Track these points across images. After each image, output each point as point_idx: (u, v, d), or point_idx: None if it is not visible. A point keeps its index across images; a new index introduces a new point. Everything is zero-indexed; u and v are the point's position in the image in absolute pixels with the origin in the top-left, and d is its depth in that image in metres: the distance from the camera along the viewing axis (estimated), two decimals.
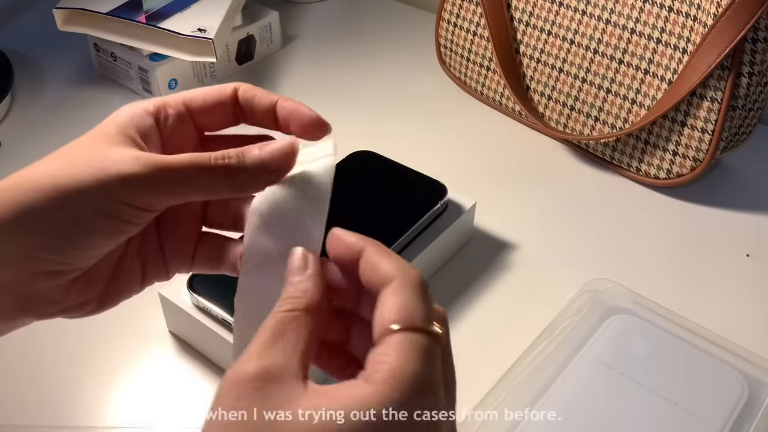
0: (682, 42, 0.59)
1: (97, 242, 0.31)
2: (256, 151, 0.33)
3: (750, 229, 0.61)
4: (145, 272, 0.36)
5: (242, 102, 0.36)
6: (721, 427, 0.44)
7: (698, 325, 0.50)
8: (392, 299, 0.29)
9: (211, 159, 0.32)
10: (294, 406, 0.26)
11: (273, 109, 0.36)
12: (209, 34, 0.68)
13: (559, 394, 0.45)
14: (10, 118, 0.72)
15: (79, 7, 0.71)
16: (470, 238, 0.59)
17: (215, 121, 0.36)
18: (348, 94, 0.76)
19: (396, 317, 0.28)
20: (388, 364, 0.27)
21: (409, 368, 0.27)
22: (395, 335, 0.27)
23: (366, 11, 0.90)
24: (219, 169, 0.32)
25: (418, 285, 0.29)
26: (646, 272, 0.57)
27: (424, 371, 0.27)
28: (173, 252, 0.36)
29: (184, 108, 0.35)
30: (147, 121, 0.34)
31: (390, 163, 0.58)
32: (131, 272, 0.35)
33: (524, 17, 0.68)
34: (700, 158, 0.61)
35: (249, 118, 0.37)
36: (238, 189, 0.33)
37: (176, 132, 0.35)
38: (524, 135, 0.71)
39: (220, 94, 0.36)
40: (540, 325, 0.51)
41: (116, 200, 0.31)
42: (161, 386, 0.49)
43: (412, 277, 0.30)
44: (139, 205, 0.31)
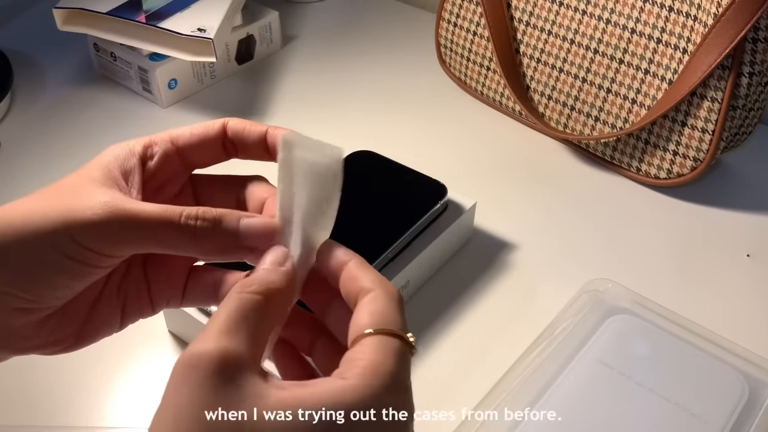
0: (683, 42, 0.59)
1: (62, 283, 0.31)
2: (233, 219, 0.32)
3: (750, 229, 0.61)
4: (126, 310, 0.35)
5: (232, 136, 0.36)
6: (722, 427, 0.44)
7: (699, 325, 0.50)
8: (369, 306, 0.29)
9: (182, 217, 0.31)
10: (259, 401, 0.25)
11: (263, 139, 0.35)
12: (209, 34, 0.68)
13: (560, 394, 0.45)
14: (10, 118, 0.72)
15: (79, 7, 0.71)
16: (470, 238, 0.59)
17: (204, 158, 0.36)
18: (348, 94, 0.76)
19: (372, 321, 0.29)
20: (364, 360, 0.27)
21: (385, 365, 0.27)
22: (370, 337, 0.28)
23: (366, 11, 0.90)
24: (187, 230, 0.31)
25: (395, 297, 0.30)
26: (647, 272, 0.57)
27: (398, 370, 0.28)
28: (161, 287, 0.35)
29: (171, 145, 0.35)
30: (131, 161, 0.34)
31: (390, 163, 0.58)
32: (109, 311, 0.34)
33: (524, 17, 0.68)
34: (700, 158, 0.61)
35: (240, 152, 0.36)
36: (203, 255, 0.32)
37: (163, 169, 0.35)
38: (524, 135, 0.71)
39: (208, 129, 0.35)
40: (540, 325, 0.51)
41: (79, 244, 0.30)
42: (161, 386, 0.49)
43: (389, 289, 0.30)
44: (101, 252, 0.31)
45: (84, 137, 0.70)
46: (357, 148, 0.59)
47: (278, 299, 0.30)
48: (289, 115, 0.73)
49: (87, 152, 0.69)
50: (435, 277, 0.56)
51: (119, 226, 0.30)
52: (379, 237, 0.52)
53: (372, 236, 0.52)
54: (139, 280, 0.35)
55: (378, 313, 0.29)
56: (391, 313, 0.29)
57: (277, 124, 0.71)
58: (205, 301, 0.36)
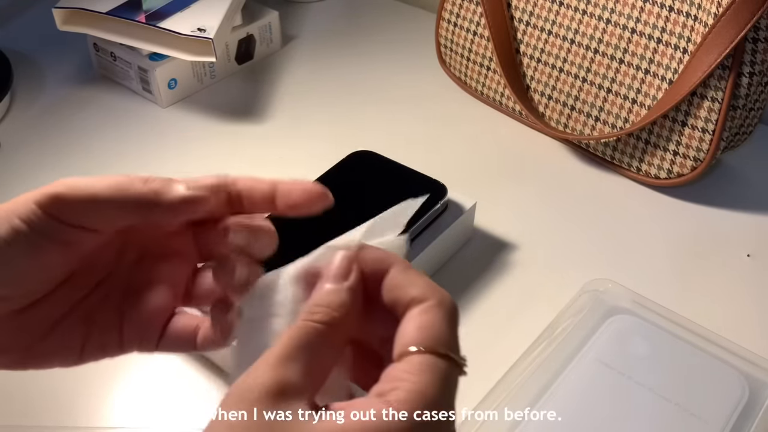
0: (683, 42, 0.59)
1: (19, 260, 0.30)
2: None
3: (751, 229, 0.61)
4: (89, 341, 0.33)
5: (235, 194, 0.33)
6: (722, 427, 0.43)
7: (699, 325, 0.50)
8: (421, 318, 0.27)
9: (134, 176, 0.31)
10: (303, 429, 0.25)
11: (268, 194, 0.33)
12: (209, 34, 0.68)
13: (560, 395, 0.45)
14: (10, 118, 0.72)
15: (79, 7, 0.71)
16: (470, 238, 0.59)
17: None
18: (348, 94, 0.76)
19: (422, 337, 0.27)
20: (409, 383, 0.26)
21: (428, 393, 0.26)
22: (419, 356, 0.26)
23: (366, 11, 0.90)
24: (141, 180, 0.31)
25: (450, 309, 0.28)
26: (647, 272, 0.57)
27: (444, 397, 0.26)
28: (136, 324, 0.33)
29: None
30: None
31: (390, 163, 0.58)
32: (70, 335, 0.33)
33: (524, 17, 0.68)
34: (700, 158, 0.61)
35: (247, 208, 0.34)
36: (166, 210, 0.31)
37: None
38: (524, 135, 0.71)
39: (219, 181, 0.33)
40: (540, 325, 0.51)
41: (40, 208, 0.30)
42: (161, 386, 0.49)
43: (445, 299, 0.28)
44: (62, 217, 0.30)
45: (84, 137, 0.70)
46: (357, 148, 0.59)
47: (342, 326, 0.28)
48: (288, 114, 0.73)
49: (87, 152, 0.69)
50: (435, 277, 0.56)
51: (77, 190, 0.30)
52: None
53: None
54: (113, 311, 0.34)
55: (428, 327, 0.27)
56: (443, 328, 0.27)
57: (277, 123, 0.72)
58: (183, 348, 0.34)
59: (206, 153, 0.68)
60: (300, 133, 0.70)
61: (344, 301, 0.28)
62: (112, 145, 0.69)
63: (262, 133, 0.71)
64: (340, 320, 0.28)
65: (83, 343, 0.33)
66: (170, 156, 0.68)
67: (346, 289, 0.29)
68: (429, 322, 0.27)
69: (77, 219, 0.30)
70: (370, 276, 0.29)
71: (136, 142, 0.70)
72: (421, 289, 0.28)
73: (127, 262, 0.34)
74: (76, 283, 0.33)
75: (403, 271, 0.29)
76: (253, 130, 0.71)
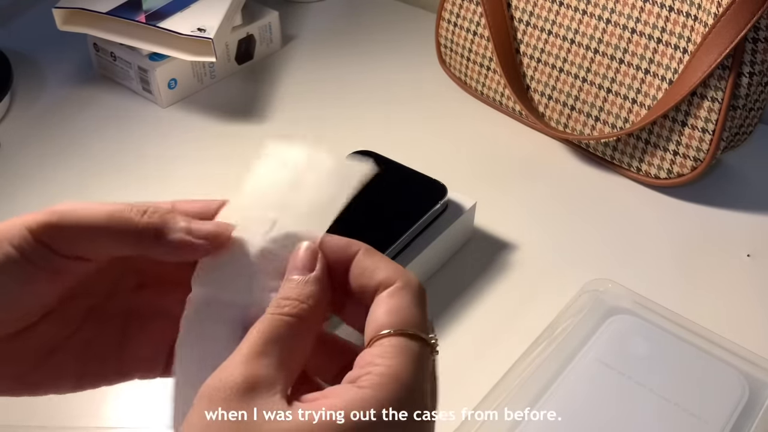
0: (683, 42, 0.59)
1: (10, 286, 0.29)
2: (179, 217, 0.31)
3: (751, 229, 0.61)
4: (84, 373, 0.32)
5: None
6: (722, 427, 0.43)
7: (699, 325, 0.50)
8: (390, 302, 0.27)
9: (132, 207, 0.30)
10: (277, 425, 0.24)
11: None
12: (209, 34, 0.68)
13: (560, 395, 0.45)
14: (10, 118, 0.72)
15: (79, 7, 0.71)
16: (470, 238, 0.59)
17: None
18: (348, 94, 0.76)
19: (392, 320, 0.27)
20: (380, 367, 0.26)
21: (404, 372, 0.26)
22: (389, 338, 0.26)
23: (366, 11, 0.90)
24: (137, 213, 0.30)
25: (417, 290, 0.28)
26: (647, 272, 0.57)
27: (417, 377, 0.26)
28: (137, 356, 0.33)
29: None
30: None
31: (390, 162, 0.58)
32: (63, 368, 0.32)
33: (524, 17, 0.68)
34: (700, 158, 0.61)
35: None
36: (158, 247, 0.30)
37: None
38: (524, 135, 0.71)
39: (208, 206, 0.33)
40: (540, 325, 0.51)
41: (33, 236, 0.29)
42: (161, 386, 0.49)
43: (410, 281, 0.28)
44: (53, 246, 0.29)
45: (84, 137, 0.70)
46: (357, 148, 0.59)
47: (312, 316, 0.28)
48: (288, 114, 0.73)
49: (87, 152, 0.69)
50: (435, 277, 0.56)
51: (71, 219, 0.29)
52: (379, 237, 0.52)
53: (372, 236, 0.51)
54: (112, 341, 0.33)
55: (397, 310, 0.27)
56: (411, 310, 0.27)
57: (277, 123, 0.72)
58: None
59: (206, 153, 0.68)
60: (300, 133, 0.70)
61: (312, 292, 0.28)
62: (112, 145, 0.69)
63: (262, 133, 0.71)
64: (309, 311, 0.28)
65: (80, 373, 0.32)
66: (170, 156, 0.68)
67: (312, 279, 0.29)
68: (397, 304, 0.27)
69: (71, 249, 0.30)
70: (335, 263, 0.30)
71: (136, 142, 0.70)
72: (386, 272, 0.28)
73: (125, 288, 0.34)
74: (71, 308, 0.32)
75: (368, 256, 0.29)
76: (253, 130, 0.71)
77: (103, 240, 0.30)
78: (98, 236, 0.30)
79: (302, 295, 0.28)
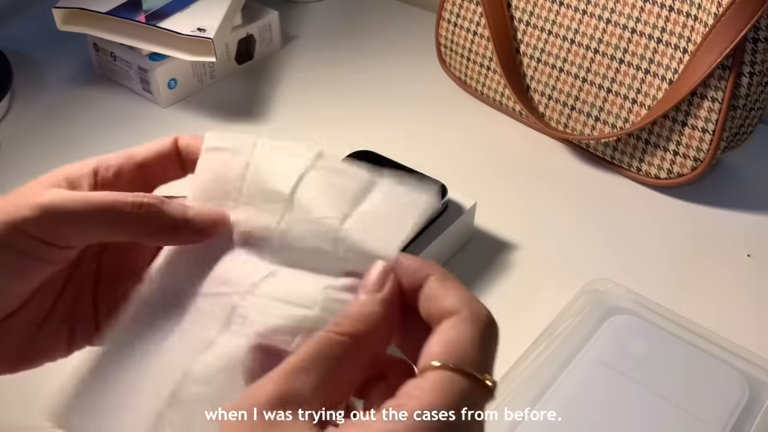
0: (683, 42, 0.59)
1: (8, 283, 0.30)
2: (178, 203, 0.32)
3: (751, 229, 0.61)
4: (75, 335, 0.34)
5: (182, 150, 0.35)
6: (722, 427, 0.43)
7: (699, 326, 0.50)
8: (449, 333, 0.25)
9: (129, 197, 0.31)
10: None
11: None
12: (209, 34, 0.68)
13: (560, 395, 0.45)
14: (10, 118, 0.72)
15: (79, 7, 0.71)
16: (470, 238, 0.59)
17: (162, 173, 0.35)
18: (348, 94, 0.76)
19: (445, 352, 0.25)
20: (417, 401, 0.23)
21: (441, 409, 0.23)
22: (437, 371, 0.24)
23: (366, 11, 0.90)
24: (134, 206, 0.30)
25: (485, 325, 0.26)
26: (647, 272, 0.57)
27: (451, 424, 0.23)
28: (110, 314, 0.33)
29: (128, 160, 0.34)
30: (82, 170, 0.34)
31: (390, 162, 0.58)
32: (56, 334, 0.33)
33: (524, 17, 0.68)
34: (700, 158, 0.61)
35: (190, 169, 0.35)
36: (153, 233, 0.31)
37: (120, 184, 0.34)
38: (524, 135, 0.71)
39: (162, 144, 0.35)
40: (540, 325, 0.51)
41: (24, 234, 0.30)
42: None
43: (479, 314, 0.26)
44: (48, 240, 0.30)
45: (84, 137, 0.70)
46: (357, 147, 0.59)
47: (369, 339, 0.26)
48: (288, 115, 0.73)
49: (87, 152, 0.69)
50: None
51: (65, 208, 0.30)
52: None
53: None
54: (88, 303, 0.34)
55: (454, 343, 0.25)
56: (470, 344, 0.25)
57: (276, 123, 0.72)
58: None
59: None
60: (300, 133, 0.70)
61: (373, 312, 0.27)
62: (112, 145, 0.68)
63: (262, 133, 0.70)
64: (366, 333, 0.26)
65: (69, 338, 0.34)
66: None
67: (378, 300, 0.27)
68: (456, 337, 0.25)
69: (63, 241, 0.31)
70: (408, 287, 0.28)
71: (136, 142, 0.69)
72: (453, 300, 0.26)
73: (91, 253, 0.35)
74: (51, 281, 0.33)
75: (440, 282, 0.27)
76: (252, 130, 0.71)
77: (96, 231, 0.31)
78: (92, 227, 0.31)
79: (362, 314, 0.27)
